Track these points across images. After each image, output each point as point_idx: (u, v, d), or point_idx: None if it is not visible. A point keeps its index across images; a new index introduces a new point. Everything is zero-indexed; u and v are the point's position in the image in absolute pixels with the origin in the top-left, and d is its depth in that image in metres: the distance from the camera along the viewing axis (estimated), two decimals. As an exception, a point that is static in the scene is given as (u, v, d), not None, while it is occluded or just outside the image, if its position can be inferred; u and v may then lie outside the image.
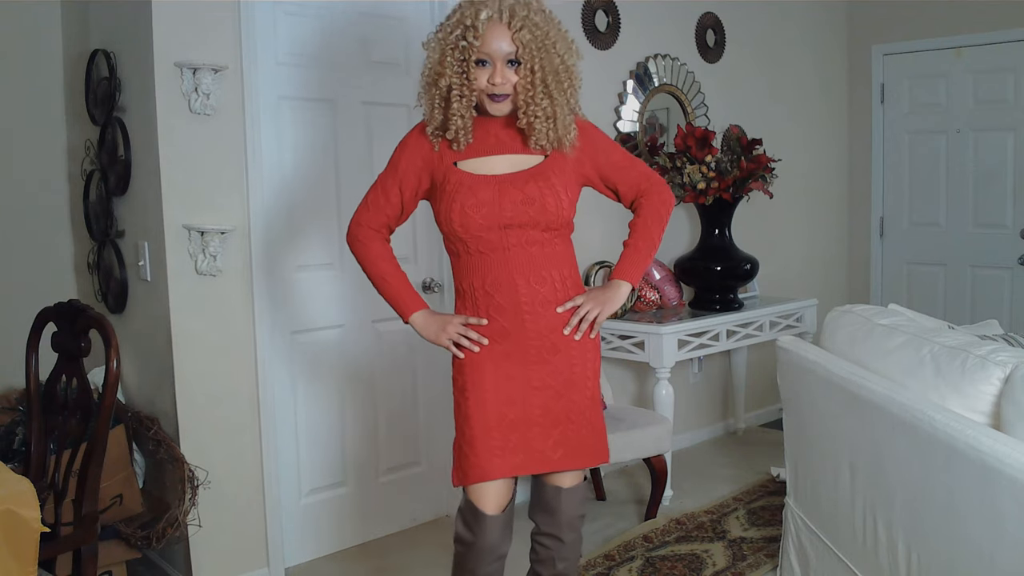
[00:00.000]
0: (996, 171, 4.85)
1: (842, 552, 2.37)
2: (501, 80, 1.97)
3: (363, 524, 3.33)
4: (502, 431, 2.06)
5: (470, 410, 2.07)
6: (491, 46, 1.95)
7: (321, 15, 3.09)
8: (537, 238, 2.06)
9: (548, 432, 2.08)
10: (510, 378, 2.07)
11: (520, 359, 2.07)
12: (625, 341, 3.70)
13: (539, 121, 2.01)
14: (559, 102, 2.01)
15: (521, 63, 1.98)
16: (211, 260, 2.76)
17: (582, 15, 3.85)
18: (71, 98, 3.25)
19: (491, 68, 1.97)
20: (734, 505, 3.60)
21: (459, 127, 2.02)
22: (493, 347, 2.07)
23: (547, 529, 2.18)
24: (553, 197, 2.03)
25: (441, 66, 2.00)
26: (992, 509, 1.76)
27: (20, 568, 1.72)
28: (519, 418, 2.07)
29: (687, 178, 3.83)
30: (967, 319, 4.66)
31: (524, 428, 2.07)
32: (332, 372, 3.21)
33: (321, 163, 3.14)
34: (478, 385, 2.07)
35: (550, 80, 1.99)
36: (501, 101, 2.00)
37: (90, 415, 2.17)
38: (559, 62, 2.00)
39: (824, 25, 5.22)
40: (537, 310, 2.06)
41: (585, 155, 2.13)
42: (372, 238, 2.17)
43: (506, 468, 2.06)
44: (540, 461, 2.09)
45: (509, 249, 2.04)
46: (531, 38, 1.96)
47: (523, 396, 2.07)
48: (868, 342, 2.35)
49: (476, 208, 2.01)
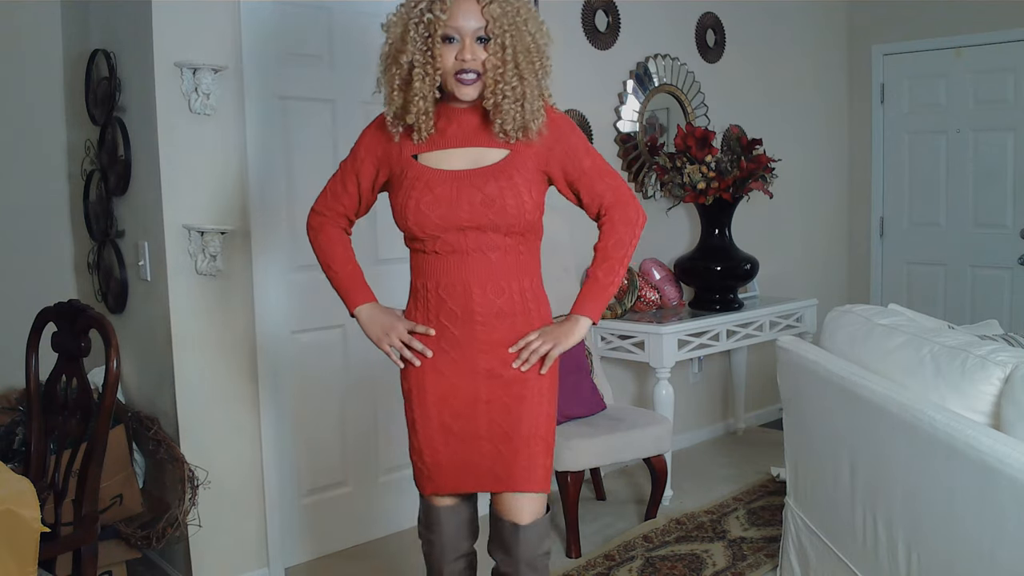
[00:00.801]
0: (996, 171, 4.85)
1: (842, 552, 2.37)
2: (471, 56, 1.83)
3: (363, 524, 3.33)
4: (448, 445, 1.97)
5: (416, 420, 1.99)
6: (459, 20, 1.82)
7: (321, 15, 3.09)
8: (498, 243, 1.91)
9: (498, 449, 1.95)
10: (456, 389, 1.95)
11: (469, 371, 1.94)
12: (625, 341, 3.70)
13: (507, 101, 1.86)
14: (529, 83, 1.87)
15: (490, 39, 1.84)
16: (211, 260, 2.76)
17: (582, 15, 3.84)
18: (71, 98, 3.25)
19: (459, 45, 1.83)
20: (734, 505, 3.60)
21: (420, 110, 1.87)
22: (441, 356, 1.95)
23: (505, 569, 2.01)
24: (514, 198, 1.88)
25: (403, 42, 1.85)
26: (992, 509, 1.76)
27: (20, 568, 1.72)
28: (465, 431, 1.96)
29: (687, 178, 3.83)
30: (967, 319, 4.66)
31: (471, 441, 1.96)
32: (332, 372, 3.21)
33: (321, 163, 3.13)
34: (421, 395, 1.97)
35: (521, 59, 1.86)
36: (470, 83, 1.85)
37: (90, 415, 2.17)
38: (530, 40, 1.87)
39: (824, 25, 5.22)
40: (491, 321, 1.93)
41: (552, 152, 1.96)
42: (325, 224, 2.11)
43: (455, 483, 2.00)
44: (491, 480, 1.97)
45: (467, 253, 1.91)
46: (501, 12, 1.83)
47: (470, 409, 1.95)
48: (868, 342, 2.35)
49: (432, 206, 1.88)
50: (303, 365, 3.13)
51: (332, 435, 3.23)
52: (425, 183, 1.90)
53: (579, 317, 2.01)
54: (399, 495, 3.43)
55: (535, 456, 1.96)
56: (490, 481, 1.98)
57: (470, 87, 1.86)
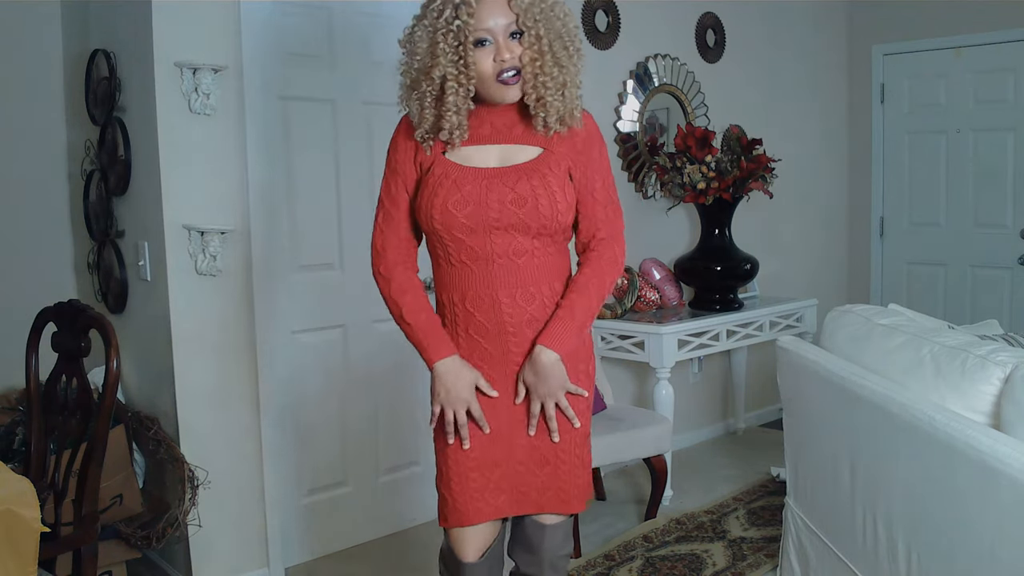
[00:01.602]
0: (996, 171, 4.84)
1: (842, 552, 2.37)
2: (509, 55, 1.73)
3: (363, 524, 3.33)
4: (482, 470, 1.84)
5: (447, 447, 1.85)
6: (489, 21, 1.72)
7: (321, 15, 3.09)
8: (527, 247, 1.81)
9: (534, 472, 1.86)
10: (493, 409, 1.85)
11: (504, 387, 1.85)
12: (625, 341, 3.70)
13: (550, 93, 1.76)
14: (568, 70, 1.78)
15: (524, 32, 1.74)
16: (211, 260, 2.76)
17: (582, 15, 3.84)
18: (71, 98, 3.25)
19: (493, 46, 1.74)
20: (734, 505, 3.60)
21: (454, 124, 1.77)
22: (478, 361, 1.85)
23: (528, 570, 1.95)
24: (547, 197, 1.79)
25: (432, 55, 1.74)
26: (992, 509, 1.76)
27: (20, 568, 1.72)
28: (503, 456, 1.85)
29: (687, 178, 3.82)
30: (967, 319, 4.66)
31: (508, 466, 1.86)
32: (332, 372, 3.21)
33: (321, 163, 3.13)
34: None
35: (556, 46, 1.76)
36: (514, 83, 1.76)
37: (90, 415, 2.17)
38: (561, 25, 1.78)
39: (824, 25, 5.22)
40: (523, 331, 1.82)
41: (580, 156, 1.87)
42: (394, 269, 1.90)
43: (487, 511, 1.86)
44: (525, 503, 1.88)
45: (494, 260, 1.80)
46: (529, 2, 1.74)
47: (508, 430, 1.85)
48: (868, 342, 2.35)
49: (459, 206, 1.78)
50: (303, 365, 3.13)
51: (332, 435, 3.23)
52: (453, 181, 1.80)
53: (543, 350, 1.82)
54: (399, 495, 3.43)
55: (575, 479, 1.89)
56: (527, 506, 1.89)
57: (514, 87, 1.77)
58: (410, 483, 3.47)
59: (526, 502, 1.89)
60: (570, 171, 1.86)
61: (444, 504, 1.89)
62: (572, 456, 1.88)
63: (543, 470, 1.87)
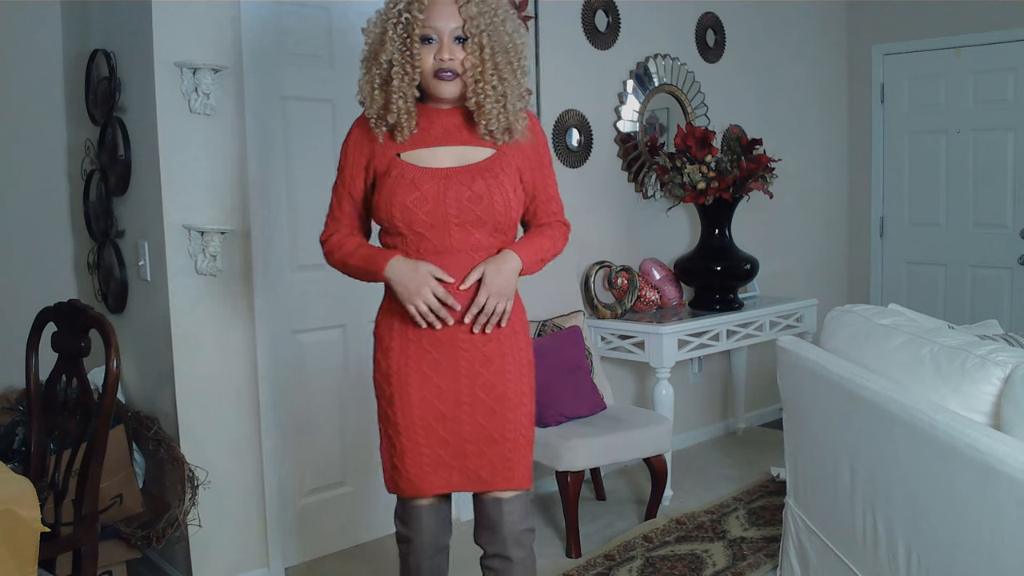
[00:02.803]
0: (996, 171, 4.85)
1: (842, 552, 2.37)
2: (449, 56, 1.88)
3: (363, 524, 3.33)
4: (432, 447, 1.96)
5: (399, 424, 1.96)
6: (437, 21, 1.87)
7: (321, 15, 3.09)
8: (483, 242, 1.93)
9: (483, 451, 1.96)
10: (440, 391, 1.95)
11: (450, 370, 1.95)
12: (625, 341, 3.70)
13: (489, 101, 1.90)
14: (509, 83, 1.91)
15: (468, 39, 1.89)
16: (211, 260, 2.76)
17: (582, 15, 3.84)
18: (71, 98, 3.25)
19: (437, 45, 1.88)
20: (734, 505, 3.60)
21: (401, 109, 1.90)
22: (423, 357, 1.95)
23: (493, 549, 2.02)
24: (501, 195, 1.92)
25: (382, 43, 1.89)
26: (992, 509, 1.76)
27: (20, 568, 1.72)
28: (450, 435, 1.96)
29: (687, 178, 3.82)
30: (967, 319, 4.66)
31: (457, 445, 1.96)
32: (332, 372, 3.21)
33: (321, 163, 3.13)
34: (405, 398, 1.96)
35: (500, 59, 1.90)
36: (450, 80, 1.89)
37: (90, 415, 2.17)
38: (508, 40, 1.91)
39: (824, 25, 5.22)
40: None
41: (529, 159, 2.03)
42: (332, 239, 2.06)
43: (439, 484, 1.98)
44: (476, 481, 1.98)
45: (451, 253, 1.91)
46: (478, 12, 1.88)
47: (454, 412, 1.96)
48: (868, 342, 2.35)
49: (419, 204, 1.89)
50: (303, 365, 3.13)
51: (332, 435, 3.23)
52: (410, 180, 1.91)
53: (508, 252, 1.96)
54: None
55: (520, 457, 1.99)
56: (475, 482, 1.99)
57: (449, 84, 1.90)
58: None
59: (477, 480, 1.99)
60: (521, 173, 2.02)
61: (398, 475, 2.00)
62: (518, 435, 1.99)
63: (491, 449, 1.97)
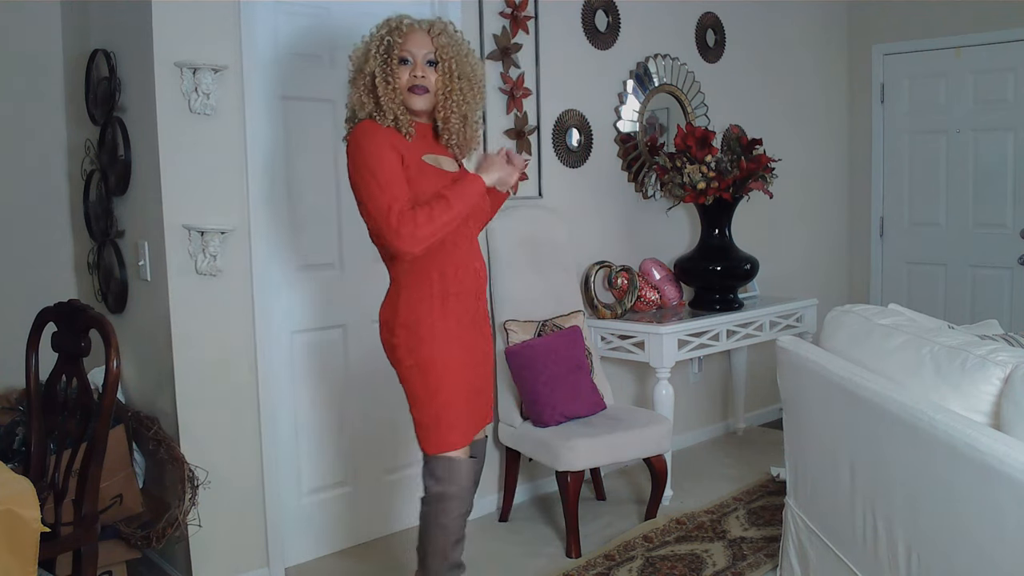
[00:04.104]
0: (996, 171, 4.85)
1: (842, 552, 2.37)
2: (422, 73, 2.27)
3: (363, 524, 3.33)
4: (469, 399, 2.35)
5: (449, 384, 2.29)
6: (413, 46, 2.27)
7: (321, 15, 3.09)
8: (475, 232, 2.43)
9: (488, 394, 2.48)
10: (473, 353, 2.37)
11: (478, 335, 2.40)
12: (625, 341, 3.70)
13: (454, 117, 2.32)
14: (471, 105, 2.35)
15: (439, 63, 2.29)
16: (211, 260, 2.76)
17: (582, 15, 3.84)
18: (71, 98, 3.25)
19: (412, 65, 2.27)
20: (734, 505, 3.60)
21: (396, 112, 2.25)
22: (458, 325, 2.32)
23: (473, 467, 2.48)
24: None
25: (365, 60, 2.28)
26: (992, 509, 1.76)
27: (20, 568, 1.72)
28: (479, 386, 2.41)
29: (687, 178, 3.82)
30: (967, 319, 4.66)
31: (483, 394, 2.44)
32: (332, 372, 3.21)
33: (321, 163, 3.13)
34: (450, 360, 2.29)
35: (464, 83, 2.32)
36: (422, 94, 2.28)
37: (90, 415, 2.17)
38: (470, 70, 2.34)
39: (824, 25, 5.22)
40: (483, 295, 2.43)
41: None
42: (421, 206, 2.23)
43: (473, 430, 2.39)
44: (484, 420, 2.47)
45: (470, 240, 2.37)
46: (448, 42, 2.30)
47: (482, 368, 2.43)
48: (868, 342, 2.35)
49: None
50: (303, 365, 3.13)
51: (332, 435, 3.23)
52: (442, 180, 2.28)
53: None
54: (399, 495, 3.43)
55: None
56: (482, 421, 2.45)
57: (421, 97, 2.29)
58: (410, 483, 3.46)
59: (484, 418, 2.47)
60: None
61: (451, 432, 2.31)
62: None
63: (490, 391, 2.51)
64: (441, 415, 2.30)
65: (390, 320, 2.33)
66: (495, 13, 3.50)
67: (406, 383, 2.34)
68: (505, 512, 3.52)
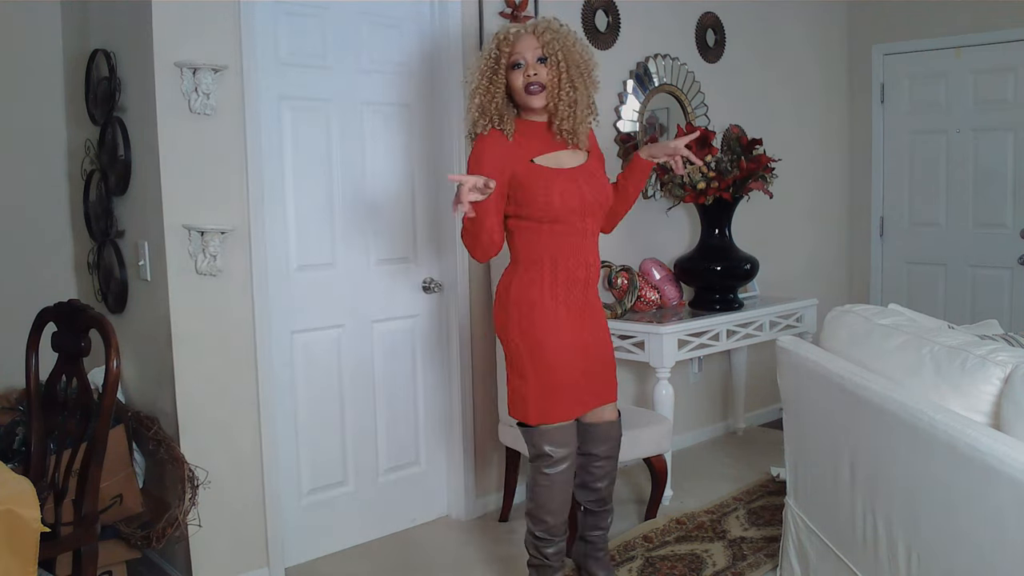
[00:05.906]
0: (996, 171, 4.85)
1: (842, 552, 2.37)
2: (534, 71, 2.45)
3: (363, 524, 3.33)
4: (571, 378, 2.51)
5: (552, 364, 2.48)
6: (522, 49, 2.46)
7: (321, 15, 3.09)
8: (593, 228, 2.56)
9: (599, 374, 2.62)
10: (579, 338, 2.53)
11: (581, 324, 2.55)
12: (625, 341, 3.70)
13: (563, 105, 2.47)
14: (581, 92, 2.49)
15: (548, 58, 2.45)
16: (211, 260, 2.76)
17: (582, 15, 3.84)
18: (71, 98, 3.25)
19: (525, 67, 2.45)
20: (734, 505, 3.60)
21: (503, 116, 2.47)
22: (566, 311, 2.51)
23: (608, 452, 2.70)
24: (609, 188, 2.61)
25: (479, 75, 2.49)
26: (992, 509, 1.76)
27: (20, 568, 1.72)
28: (583, 367, 2.55)
29: (687, 178, 3.82)
30: (967, 319, 4.66)
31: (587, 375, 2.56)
32: (332, 372, 3.21)
33: (321, 163, 3.13)
34: (558, 343, 2.49)
35: (573, 71, 2.47)
36: (537, 92, 2.46)
37: (90, 415, 2.17)
38: (579, 58, 2.49)
39: (824, 25, 5.22)
40: (593, 287, 2.60)
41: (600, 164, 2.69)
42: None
43: (576, 408, 2.56)
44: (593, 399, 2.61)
45: (584, 235, 2.53)
46: (553, 38, 2.46)
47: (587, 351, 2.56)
48: (868, 342, 2.35)
49: (569, 194, 2.46)
50: (303, 365, 3.13)
51: (332, 434, 3.23)
52: (558, 177, 2.47)
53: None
54: (399, 495, 3.43)
55: (615, 376, 2.70)
56: (594, 400, 2.61)
57: (537, 96, 2.47)
58: (410, 483, 3.47)
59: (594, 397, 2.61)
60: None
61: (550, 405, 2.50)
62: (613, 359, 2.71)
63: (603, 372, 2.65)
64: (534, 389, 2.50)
65: (503, 296, 2.55)
66: (495, 13, 3.50)
67: (514, 357, 2.53)
68: (505, 512, 3.52)
